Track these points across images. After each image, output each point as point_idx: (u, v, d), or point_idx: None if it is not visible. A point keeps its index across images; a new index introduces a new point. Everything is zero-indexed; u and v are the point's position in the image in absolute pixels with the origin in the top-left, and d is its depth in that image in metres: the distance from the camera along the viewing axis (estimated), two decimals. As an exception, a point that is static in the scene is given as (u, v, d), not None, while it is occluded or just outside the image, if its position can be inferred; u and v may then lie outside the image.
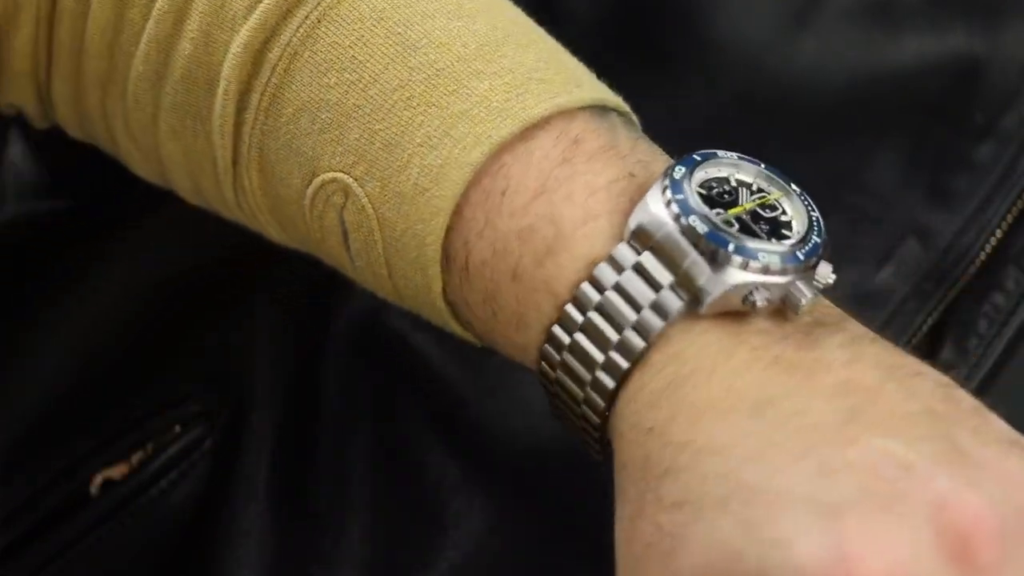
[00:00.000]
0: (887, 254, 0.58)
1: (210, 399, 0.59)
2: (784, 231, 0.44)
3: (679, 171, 0.44)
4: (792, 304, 0.43)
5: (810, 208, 0.45)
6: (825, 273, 0.44)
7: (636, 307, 0.43)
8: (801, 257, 0.43)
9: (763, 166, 0.45)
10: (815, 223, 0.44)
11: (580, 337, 0.44)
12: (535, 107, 0.45)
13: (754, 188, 0.45)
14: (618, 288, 0.43)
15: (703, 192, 0.44)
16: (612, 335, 0.43)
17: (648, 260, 0.43)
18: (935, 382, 0.42)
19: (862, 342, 0.42)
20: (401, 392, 0.59)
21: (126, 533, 0.58)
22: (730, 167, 0.45)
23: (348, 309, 0.60)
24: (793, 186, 0.45)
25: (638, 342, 0.43)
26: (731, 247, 0.42)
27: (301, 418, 0.59)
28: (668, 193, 0.43)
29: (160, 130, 0.51)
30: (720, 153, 0.45)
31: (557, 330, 0.44)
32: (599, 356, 0.43)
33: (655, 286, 0.43)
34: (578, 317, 0.44)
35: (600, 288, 0.43)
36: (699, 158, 0.45)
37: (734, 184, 0.45)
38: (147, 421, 0.58)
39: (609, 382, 0.43)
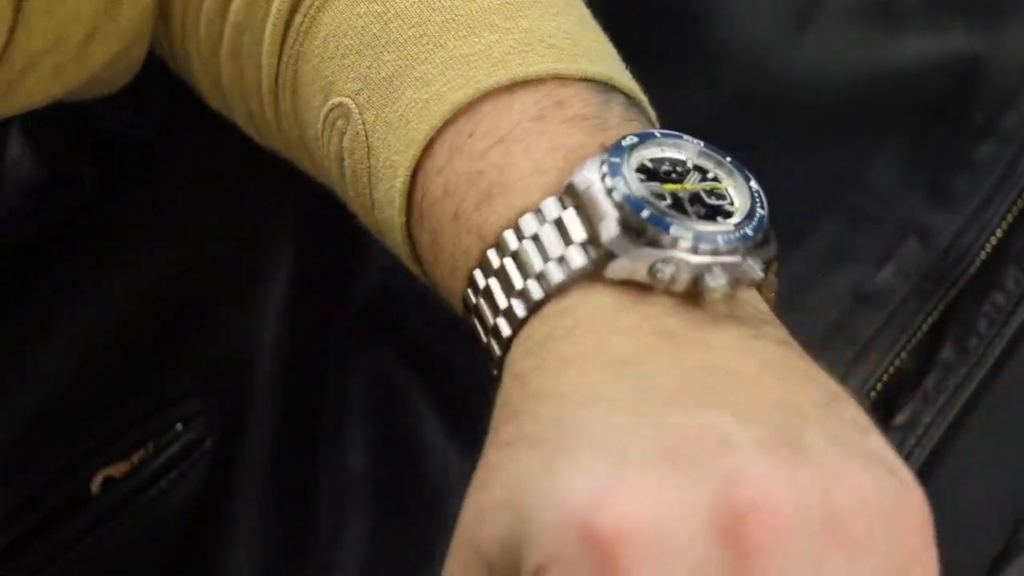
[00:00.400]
0: (887, 254, 0.58)
1: (210, 398, 0.59)
2: (720, 218, 0.43)
3: (630, 140, 0.43)
4: (702, 287, 0.41)
5: (758, 203, 0.43)
6: (750, 268, 0.42)
7: (546, 258, 0.42)
8: (720, 242, 0.42)
9: (728, 159, 0.44)
10: (754, 216, 0.43)
11: (493, 282, 0.43)
12: (532, 65, 0.45)
13: (709, 176, 0.44)
14: (535, 238, 0.43)
15: (649, 166, 0.43)
16: (518, 282, 0.43)
17: (569, 216, 0.42)
18: (824, 391, 0.40)
19: (766, 341, 0.41)
20: (402, 391, 0.59)
21: (126, 533, 0.58)
22: (691, 152, 0.44)
23: (348, 308, 0.60)
24: (752, 183, 0.44)
25: (537, 292, 0.42)
26: (644, 213, 0.41)
27: (301, 418, 0.59)
28: (607, 155, 0.43)
29: (223, 49, 0.52)
30: (686, 137, 0.45)
31: (477, 273, 0.44)
32: (503, 302, 0.43)
33: (568, 241, 0.42)
34: (496, 262, 0.43)
35: (521, 237, 0.43)
36: (659, 135, 0.44)
37: (689, 167, 0.44)
38: (147, 420, 0.58)
39: (506, 329, 0.43)
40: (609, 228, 0.42)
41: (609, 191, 0.42)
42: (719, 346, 0.40)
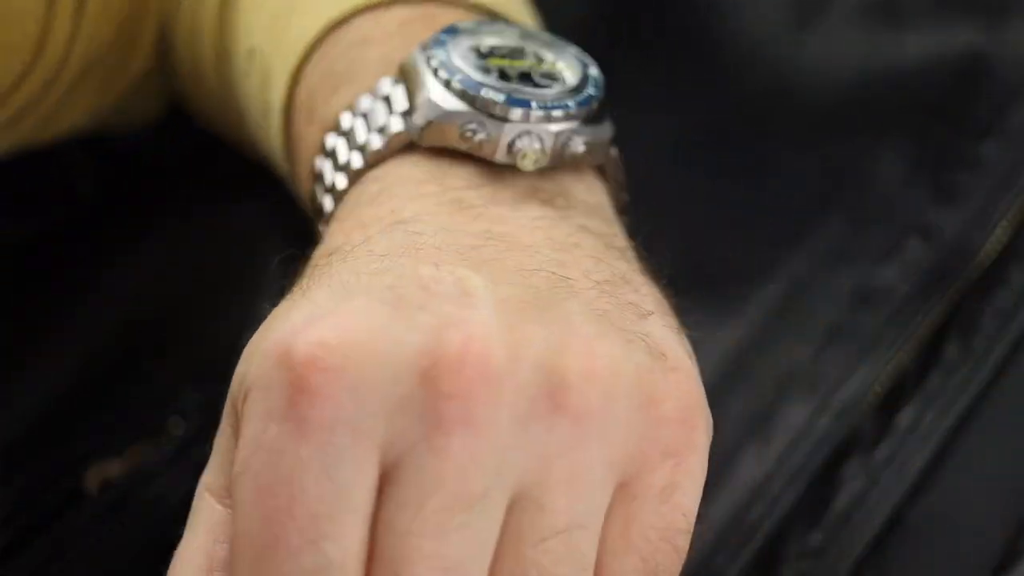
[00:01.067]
0: (889, 253, 0.58)
1: (210, 396, 0.59)
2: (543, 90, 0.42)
3: (464, 24, 0.43)
4: (514, 152, 0.41)
5: (590, 85, 0.43)
6: (571, 142, 0.42)
7: (370, 130, 0.42)
8: (533, 106, 0.41)
9: (572, 49, 0.44)
10: (581, 92, 0.42)
11: (327, 164, 0.43)
12: None
13: (546, 63, 0.43)
14: (365, 115, 0.43)
15: (484, 50, 0.43)
16: (343, 156, 0.43)
17: (397, 90, 0.43)
18: (609, 272, 0.39)
19: (567, 224, 0.40)
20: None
21: (126, 532, 0.57)
22: (534, 43, 0.44)
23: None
24: (591, 70, 0.43)
25: (358, 161, 0.42)
26: (457, 77, 0.41)
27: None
28: (438, 33, 0.43)
29: (182, 35, 0.52)
30: (531, 26, 0.45)
31: (317, 159, 0.44)
32: (331, 178, 0.43)
33: (391, 112, 0.42)
34: (331, 144, 0.43)
35: (355, 115, 0.43)
36: (502, 24, 0.44)
37: (528, 54, 0.44)
38: (145, 416, 0.58)
39: (329, 204, 0.43)
40: (423, 93, 0.41)
41: (428, 59, 0.42)
42: (511, 221, 0.40)
